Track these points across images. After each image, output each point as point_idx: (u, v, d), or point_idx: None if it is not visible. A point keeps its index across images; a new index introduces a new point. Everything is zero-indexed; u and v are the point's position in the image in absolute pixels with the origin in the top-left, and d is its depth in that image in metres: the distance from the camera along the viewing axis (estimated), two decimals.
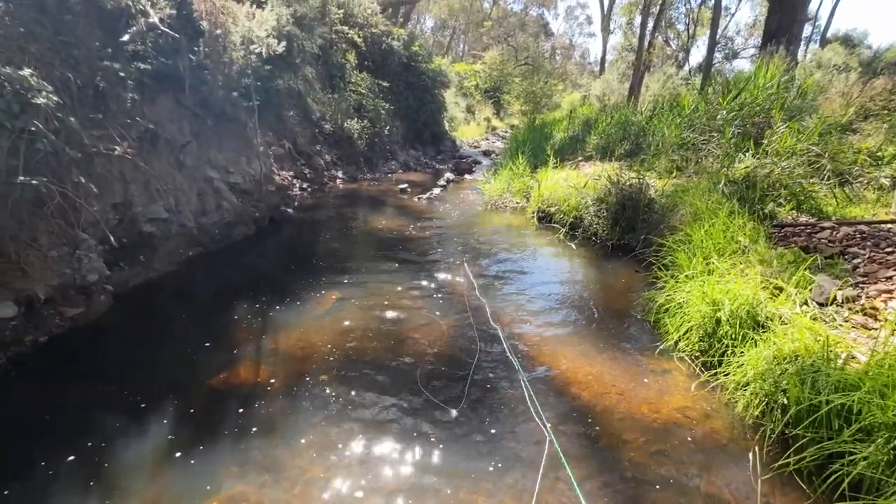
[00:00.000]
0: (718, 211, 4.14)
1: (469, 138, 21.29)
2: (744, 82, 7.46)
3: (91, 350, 3.36)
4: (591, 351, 3.47)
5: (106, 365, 3.20)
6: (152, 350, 3.39)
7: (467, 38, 41.01)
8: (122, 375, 3.05)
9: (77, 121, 3.18)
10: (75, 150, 3.09)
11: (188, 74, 4.71)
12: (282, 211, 7.55)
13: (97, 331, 3.57)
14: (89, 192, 3.69)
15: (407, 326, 3.77)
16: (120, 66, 3.53)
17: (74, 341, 3.39)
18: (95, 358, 3.28)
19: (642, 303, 4.06)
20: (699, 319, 3.19)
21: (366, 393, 2.92)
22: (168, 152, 5.44)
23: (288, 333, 3.60)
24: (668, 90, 19.85)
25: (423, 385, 3.01)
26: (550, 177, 7.88)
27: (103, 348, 3.39)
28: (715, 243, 3.86)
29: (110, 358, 3.28)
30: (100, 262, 3.90)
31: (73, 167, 3.16)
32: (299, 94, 10.14)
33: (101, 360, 3.25)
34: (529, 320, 3.96)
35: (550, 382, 3.09)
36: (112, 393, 2.86)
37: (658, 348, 3.38)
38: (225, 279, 4.76)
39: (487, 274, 5.03)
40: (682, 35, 32.17)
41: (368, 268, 5.05)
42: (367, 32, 13.54)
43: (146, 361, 3.25)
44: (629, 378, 3.11)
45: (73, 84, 3.19)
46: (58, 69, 3.15)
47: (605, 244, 5.94)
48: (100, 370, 3.13)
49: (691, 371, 3.13)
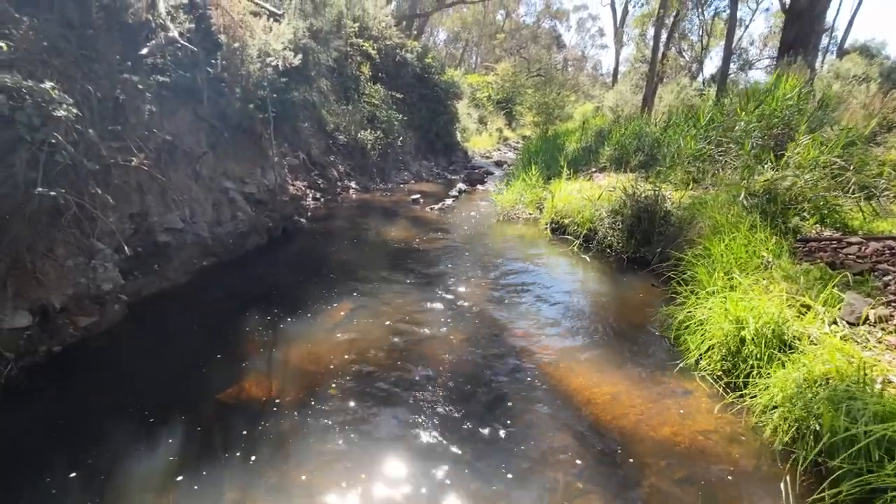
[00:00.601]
0: (739, 224, 4.02)
1: (481, 149, 21.31)
2: (762, 93, 7.34)
3: (103, 361, 3.35)
4: (608, 368, 3.37)
5: (116, 377, 3.18)
6: (163, 361, 3.37)
7: (480, 50, 41.35)
8: (132, 388, 3.03)
9: (96, 133, 3.22)
10: (93, 162, 3.12)
11: (206, 87, 4.77)
12: (295, 221, 7.59)
13: (110, 341, 3.57)
14: (106, 203, 3.72)
15: (419, 340, 3.71)
16: (139, 78, 3.59)
17: (87, 351, 3.39)
18: (107, 369, 3.27)
19: (661, 318, 3.94)
20: (721, 338, 3.07)
21: (378, 410, 2.86)
22: (185, 163, 5.51)
23: (298, 346, 3.56)
24: (682, 101, 19.70)
25: (438, 402, 2.93)
26: (564, 188, 7.80)
27: (115, 359, 3.38)
28: (736, 258, 3.74)
29: (121, 369, 3.27)
30: (115, 271, 3.92)
31: (90, 178, 3.19)
32: (314, 105, 10.27)
33: (112, 372, 3.24)
34: (544, 334, 3.86)
35: (567, 400, 3.00)
36: (121, 407, 2.83)
37: (678, 366, 3.26)
38: (237, 290, 4.76)
39: (501, 286, 4.95)
40: (696, 46, 32.05)
41: (380, 279, 5.02)
42: (382, 45, 13.71)
43: (156, 373, 3.23)
44: (649, 398, 3.00)
45: (92, 97, 3.24)
46: (79, 82, 3.21)
47: (619, 257, 5.83)
48: (110, 382, 3.11)
49: (714, 392, 3.00)
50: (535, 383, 3.18)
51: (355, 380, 3.14)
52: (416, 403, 2.92)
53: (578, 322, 4.11)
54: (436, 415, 2.82)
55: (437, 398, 2.97)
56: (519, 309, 4.37)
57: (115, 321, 3.81)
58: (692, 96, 20.15)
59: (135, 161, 3.65)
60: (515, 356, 3.51)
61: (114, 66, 3.47)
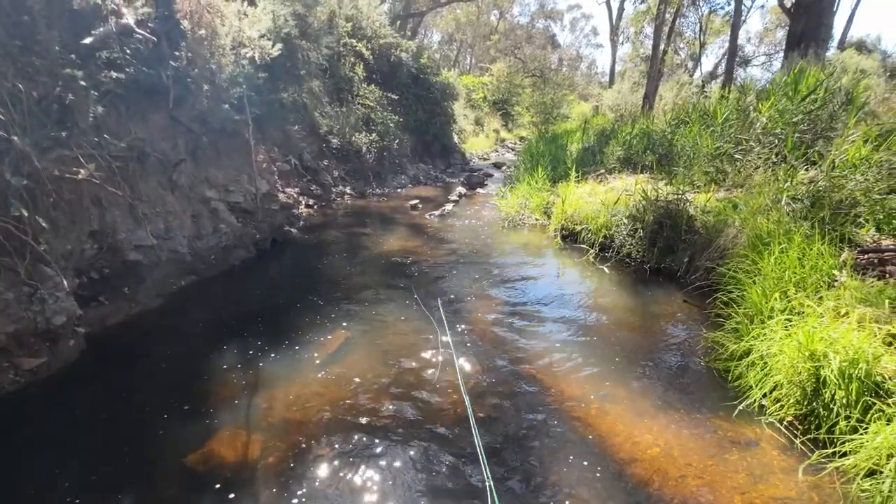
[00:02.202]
0: (791, 233, 3.50)
1: (478, 150, 20.84)
2: (783, 87, 6.85)
3: (47, 413, 2.80)
4: (649, 409, 2.84)
5: (62, 434, 2.62)
6: (121, 412, 2.81)
7: (474, 51, 40.94)
8: (78, 448, 2.49)
9: (31, 141, 2.67)
10: (19, 177, 2.55)
11: (172, 85, 4.18)
12: (285, 231, 7.04)
13: (60, 386, 3.02)
14: (56, 222, 3.17)
15: (423, 382, 3.17)
16: (83, 73, 3.02)
17: (28, 401, 2.83)
18: (50, 424, 2.71)
19: (704, 344, 3.42)
20: (792, 375, 2.55)
21: (377, 475, 2.32)
22: (159, 172, 4.95)
23: (283, 389, 3.01)
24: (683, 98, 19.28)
25: (445, 466, 2.40)
26: (573, 191, 7.29)
27: (62, 410, 2.82)
28: (791, 274, 3.22)
29: (69, 423, 2.71)
30: (69, 300, 3.36)
31: (18, 197, 2.61)
32: (305, 107, 9.73)
33: (56, 427, 2.68)
34: (567, 366, 3.33)
35: (604, 457, 2.46)
36: (63, 475, 2.28)
37: (736, 409, 2.74)
38: (217, 315, 4.20)
39: (512, 305, 4.42)
40: (693, 43, 31.70)
41: (377, 300, 4.47)
42: (376, 44, 13.18)
43: (111, 428, 2.67)
44: (707, 452, 2.47)
45: (26, 97, 2.69)
46: (9, 80, 2.66)
47: (641, 267, 5.32)
48: (53, 440, 2.56)
49: (786, 443, 2.48)
50: (561, 432, 2.65)
51: (349, 435, 2.60)
52: (422, 466, 2.38)
53: (606, 349, 3.58)
54: (448, 480, 2.28)
55: (445, 459, 2.44)
56: (535, 334, 3.84)
57: (69, 360, 3.26)
58: (694, 93, 19.72)
59: (83, 173, 3.11)
60: (536, 397, 2.98)
61: (56, 60, 2.93)
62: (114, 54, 3.46)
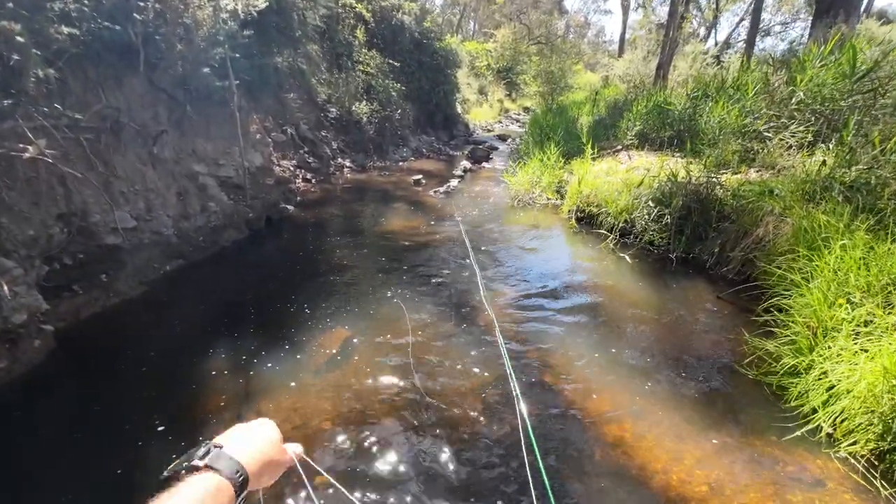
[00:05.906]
0: (853, 229, 3.08)
1: (482, 121, 20.06)
2: (819, 58, 6.24)
3: (1, 428, 2.44)
4: (691, 434, 2.50)
5: (18, 455, 2.28)
6: (86, 427, 2.46)
7: (478, 16, 39.11)
8: (33, 475, 2.14)
9: None
10: None
11: (141, 43, 3.61)
12: (281, 209, 6.58)
13: (21, 395, 2.65)
14: (13, 205, 2.73)
15: (432, 390, 2.81)
16: (21, 27, 2.50)
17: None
18: (4, 442, 2.36)
19: (747, 351, 3.06)
20: (870, 402, 2.19)
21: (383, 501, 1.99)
22: (138, 145, 4.46)
23: (277, 399, 2.66)
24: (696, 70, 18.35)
25: (459, 492, 2.06)
26: (590, 170, 6.80)
27: (21, 425, 2.46)
28: (856, 276, 2.82)
29: (22, 445, 2.35)
30: (31, 294, 2.96)
31: None
32: (302, 73, 9.06)
33: (12, 447, 2.33)
34: (593, 377, 2.97)
35: (644, 493, 2.13)
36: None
37: (793, 433, 2.40)
38: (204, 306, 3.82)
39: (528, 297, 4.04)
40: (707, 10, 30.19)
41: (381, 290, 4.08)
42: (377, 6, 12.30)
43: (80, 448, 2.32)
44: (764, 490, 2.13)
45: None
46: None
47: (666, 256, 4.91)
48: (3, 464, 2.21)
49: (865, 485, 2.13)
50: (592, 457, 2.31)
51: (352, 455, 2.26)
52: (434, 488, 2.04)
53: (637, 355, 3.21)
54: None
55: (457, 486, 2.10)
56: (555, 336, 3.46)
57: (33, 363, 2.88)
58: (710, 64, 18.80)
59: (31, 150, 2.64)
60: (562, 414, 2.63)
61: None
62: (68, 6, 2.91)
